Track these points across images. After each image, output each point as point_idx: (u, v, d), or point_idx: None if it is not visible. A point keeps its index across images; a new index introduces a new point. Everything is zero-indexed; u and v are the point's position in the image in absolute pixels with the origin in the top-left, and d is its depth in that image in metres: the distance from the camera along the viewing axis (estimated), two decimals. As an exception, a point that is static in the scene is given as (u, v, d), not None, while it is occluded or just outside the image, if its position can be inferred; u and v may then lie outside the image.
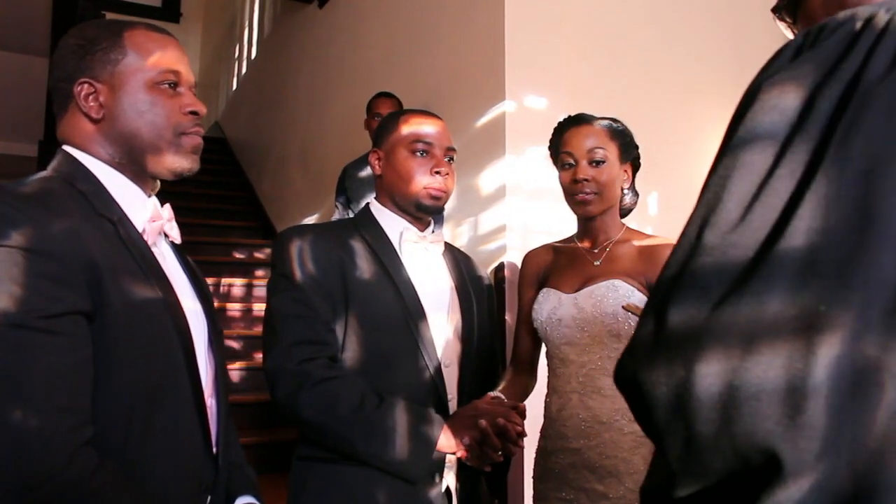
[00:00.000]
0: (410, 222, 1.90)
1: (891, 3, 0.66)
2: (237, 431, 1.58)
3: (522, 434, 1.65)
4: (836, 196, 0.60)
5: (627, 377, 0.70)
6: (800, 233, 0.60)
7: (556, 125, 2.14)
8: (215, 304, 5.37)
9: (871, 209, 0.58)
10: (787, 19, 0.96)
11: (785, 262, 0.60)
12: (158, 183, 1.41)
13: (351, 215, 3.90)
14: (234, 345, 4.77)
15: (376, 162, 1.94)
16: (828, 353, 0.56)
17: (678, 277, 0.66)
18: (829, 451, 0.56)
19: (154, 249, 1.33)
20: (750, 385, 0.58)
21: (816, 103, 0.64)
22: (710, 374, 0.60)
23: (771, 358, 0.58)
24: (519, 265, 2.24)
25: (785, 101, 0.66)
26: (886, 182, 0.59)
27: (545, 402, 2.04)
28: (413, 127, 1.90)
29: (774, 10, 0.97)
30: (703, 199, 0.68)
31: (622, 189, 2.07)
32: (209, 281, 5.07)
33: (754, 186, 0.64)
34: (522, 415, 1.71)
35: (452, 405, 1.80)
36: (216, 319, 1.46)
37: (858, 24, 0.66)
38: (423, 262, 1.90)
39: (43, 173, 1.29)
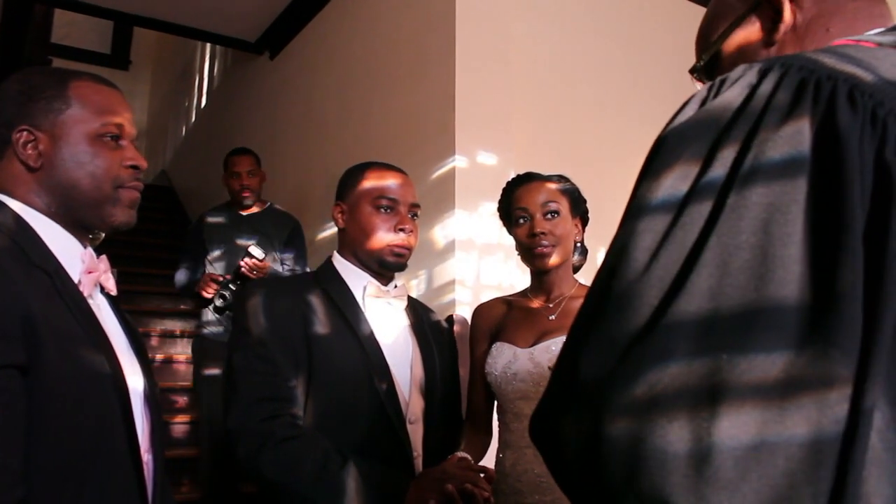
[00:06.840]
0: (373, 277, 1.87)
1: (785, 59, 0.69)
2: (182, 486, 1.54)
3: (489, 501, 1.61)
4: (735, 245, 0.61)
5: (541, 430, 0.69)
6: (702, 281, 0.61)
7: (504, 185, 2.15)
8: (160, 356, 5.21)
9: (770, 258, 0.60)
10: (705, 80, 0.99)
11: (687, 313, 0.60)
12: (102, 234, 1.39)
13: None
14: (178, 398, 4.65)
15: (339, 215, 1.90)
16: (731, 404, 0.56)
17: (587, 326, 0.67)
18: None
19: (90, 301, 1.30)
20: (654, 437, 0.57)
21: (717, 154, 0.66)
22: (615, 427, 0.59)
23: (674, 410, 0.57)
24: (469, 319, 2.23)
25: (687, 153, 0.67)
26: (783, 229, 0.60)
27: (497, 457, 2.02)
28: (377, 182, 1.86)
29: (692, 72, 1.01)
30: (612, 249, 0.69)
31: (574, 244, 2.09)
32: (154, 331, 5.01)
33: (659, 236, 0.65)
34: (490, 480, 1.68)
35: (418, 462, 1.76)
36: (152, 373, 1.43)
37: (756, 77, 0.69)
38: (386, 316, 1.87)
39: None
